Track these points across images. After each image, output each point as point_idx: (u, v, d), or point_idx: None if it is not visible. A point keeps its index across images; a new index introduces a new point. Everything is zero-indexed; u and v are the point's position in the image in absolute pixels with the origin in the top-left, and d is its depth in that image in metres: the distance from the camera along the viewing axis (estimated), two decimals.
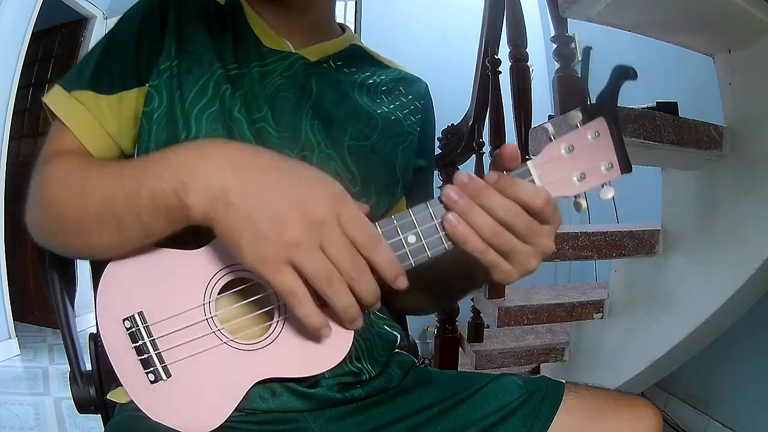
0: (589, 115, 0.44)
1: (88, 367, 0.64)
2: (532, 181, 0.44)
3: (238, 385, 0.48)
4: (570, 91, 1.30)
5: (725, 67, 1.15)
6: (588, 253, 1.23)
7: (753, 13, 0.98)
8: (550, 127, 0.44)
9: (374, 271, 0.41)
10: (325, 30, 0.66)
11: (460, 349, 1.63)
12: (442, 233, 0.44)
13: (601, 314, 1.43)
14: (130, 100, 0.55)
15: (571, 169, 0.44)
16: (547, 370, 1.67)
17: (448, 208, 0.43)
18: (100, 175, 0.47)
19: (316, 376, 0.52)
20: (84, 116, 0.54)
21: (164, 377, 0.48)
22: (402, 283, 0.42)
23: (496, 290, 1.38)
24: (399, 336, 0.64)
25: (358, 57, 0.67)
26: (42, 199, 0.50)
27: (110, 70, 0.56)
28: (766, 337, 1.45)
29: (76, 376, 0.63)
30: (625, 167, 0.44)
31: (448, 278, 0.61)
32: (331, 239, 0.39)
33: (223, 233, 0.41)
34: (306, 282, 0.40)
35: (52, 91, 0.56)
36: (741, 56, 1.11)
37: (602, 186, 0.44)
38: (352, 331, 0.48)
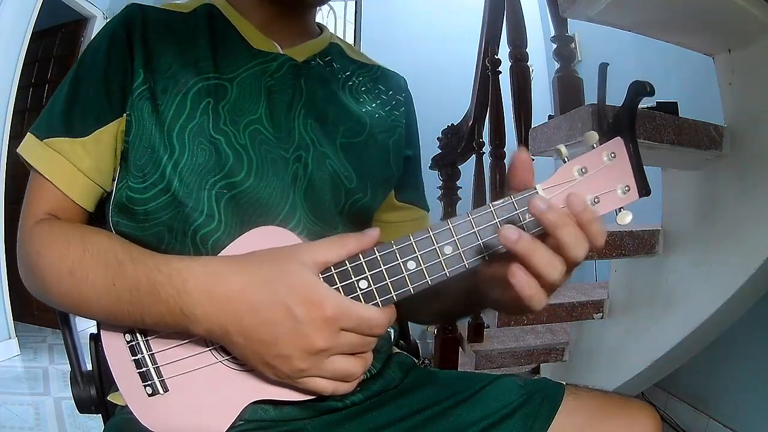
0: (605, 136, 0.42)
1: (89, 367, 0.64)
2: None
3: (232, 404, 0.48)
4: (570, 91, 1.30)
5: (725, 67, 1.15)
6: (588, 253, 1.23)
7: (753, 13, 0.98)
8: (563, 149, 0.42)
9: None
10: (308, 29, 0.66)
11: (460, 349, 1.63)
12: (442, 258, 0.43)
13: (601, 314, 1.43)
14: (108, 135, 0.53)
15: (585, 193, 0.42)
16: (547, 370, 1.67)
17: (457, 232, 0.42)
18: (96, 291, 0.46)
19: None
20: (61, 165, 0.53)
21: (161, 391, 0.48)
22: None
23: None
24: (392, 331, 0.65)
25: (339, 56, 0.67)
26: (33, 282, 0.51)
27: (81, 110, 0.53)
28: (766, 337, 1.45)
29: (77, 376, 0.63)
30: (644, 190, 0.41)
31: (451, 305, 0.62)
32: (338, 348, 0.43)
33: (236, 354, 0.46)
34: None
35: (25, 140, 0.55)
36: (741, 56, 1.11)
37: (619, 210, 0.42)
38: None
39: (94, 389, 0.62)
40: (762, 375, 1.47)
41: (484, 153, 1.70)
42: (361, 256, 0.44)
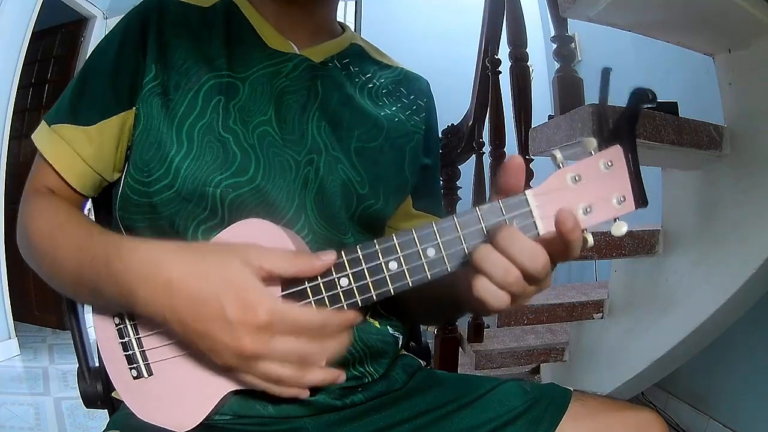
0: (605, 143, 0.40)
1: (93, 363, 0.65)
2: (531, 212, 0.41)
3: (212, 392, 0.48)
4: (570, 91, 1.30)
5: (725, 67, 1.15)
6: (588, 253, 1.23)
7: (753, 13, 0.98)
8: (558, 155, 0.40)
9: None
10: (327, 29, 0.65)
11: (460, 349, 1.63)
12: (425, 261, 0.42)
13: (601, 314, 1.43)
14: (112, 127, 0.55)
15: (577, 201, 0.40)
16: (547, 370, 1.67)
17: (441, 235, 0.42)
18: (65, 254, 0.48)
19: None
20: (63, 150, 0.55)
21: (146, 375, 0.49)
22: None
23: None
24: (401, 336, 0.64)
25: (360, 57, 0.66)
26: (23, 243, 0.54)
27: (89, 100, 0.55)
28: (766, 337, 1.45)
29: (84, 372, 0.64)
30: (640, 201, 0.40)
31: (434, 308, 0.62)
32: (270, 355, 0.41)
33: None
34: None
35: (39, 126, 0.57)
36: (741, 56, 1.11)
37: (614, 221, 0.41)
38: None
39: (100, 385, 0.63)
40: (762, 375, 1.47)
41: (484, 153, 1.70)
42: (343, 253, 0.43)
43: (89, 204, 0.64)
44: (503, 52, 1.48)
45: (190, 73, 0.54)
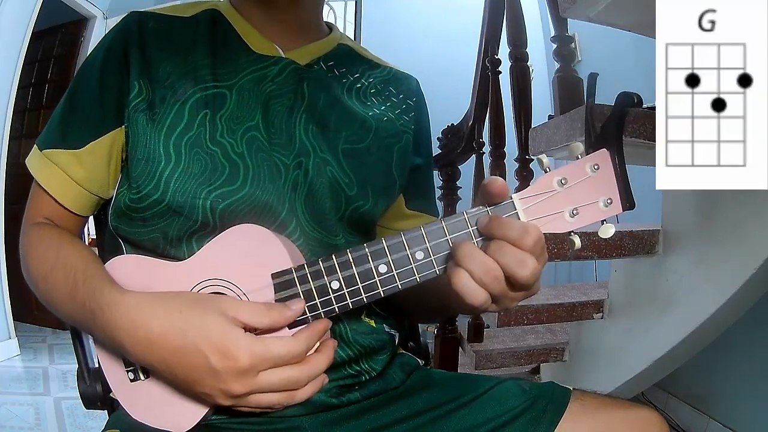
0: (592, 147, 0.41)
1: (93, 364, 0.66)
2: (517, 216, 0.42)
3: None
4: (570, 91, 1.30)
5: None
6: (588, 253, 1.23)
7: None
8: (545, 159, 0.42)
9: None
10: (314, 30, 0.65)
11: (460, 349, 1.63)
12: (414, 264, 0.43)
13: (601, 314, 1.43)
14: (102, 148, 0.55)
15: (564, 204, 0.41)
16: (547, 370, 1.67)
17: (429, 239, 0.42)
18: (60, 299, 0.50)
19: None
20: (56, 175, 0.56)
21: (142, 377, 0.49)
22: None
23: None
24: (397, 333, 0.65)
25: (347, 57, 0.66)
26: (24, 274, 0.55)
27: (77, 123, 0.56)
28: (766, 337, 1.45)
29: (84, 373, 0.65)
30: (627, 203, 0.41)
31: (426, 307, 0.63)
32: (258, 390, 0.43)
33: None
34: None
35: (31, 151, 0.58)
36: None
37: (601, 223, 0.41)
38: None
39: (100, 385, 0.64)
40: (762, 375, 1.47)
41: (484, 153, 1.70)
42: (334, 257, 0.44)
43: None
44: (503, 52, 1.48)
45: (175, 87, 0.54)
